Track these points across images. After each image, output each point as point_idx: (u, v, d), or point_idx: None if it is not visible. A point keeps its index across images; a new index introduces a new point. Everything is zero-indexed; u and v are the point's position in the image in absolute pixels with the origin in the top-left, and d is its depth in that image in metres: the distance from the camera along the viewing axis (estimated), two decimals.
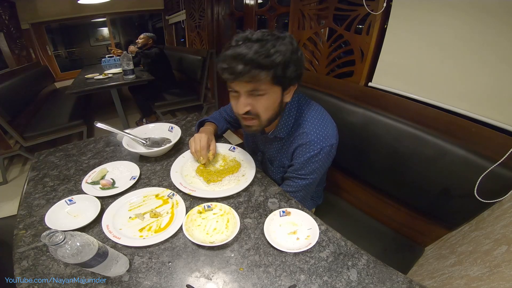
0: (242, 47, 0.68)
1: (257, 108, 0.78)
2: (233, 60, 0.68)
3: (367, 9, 1.20)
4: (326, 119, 0.91)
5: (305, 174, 0.92)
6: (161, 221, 0.79)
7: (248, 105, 0.77)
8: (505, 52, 0.88)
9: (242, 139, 2.88)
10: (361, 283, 0.63)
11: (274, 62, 0.68)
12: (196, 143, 1.00)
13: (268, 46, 0.68)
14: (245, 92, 0.75)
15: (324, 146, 0.86)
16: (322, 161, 0.89)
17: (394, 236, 1.23)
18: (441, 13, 1.00)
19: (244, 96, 0.76)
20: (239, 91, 0.76)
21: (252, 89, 0.73)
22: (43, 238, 0.47)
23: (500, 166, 0.86)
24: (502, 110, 0.94)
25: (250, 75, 0.68)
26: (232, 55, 0.68)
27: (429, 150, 1.02)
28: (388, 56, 1.23)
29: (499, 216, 0.81)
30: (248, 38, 0.70)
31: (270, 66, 0.68)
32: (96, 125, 1.06)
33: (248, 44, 0.68)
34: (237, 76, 0.69)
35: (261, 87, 0.73)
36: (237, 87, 0.75)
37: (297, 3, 1.60)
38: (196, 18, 3.19)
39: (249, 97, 0.76)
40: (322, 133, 0.87)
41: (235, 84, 0.74)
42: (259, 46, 0.67)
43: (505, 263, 0.63)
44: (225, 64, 0.70)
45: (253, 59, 0.66)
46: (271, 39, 0.69)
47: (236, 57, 0.68)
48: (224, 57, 0.71)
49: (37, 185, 0.95)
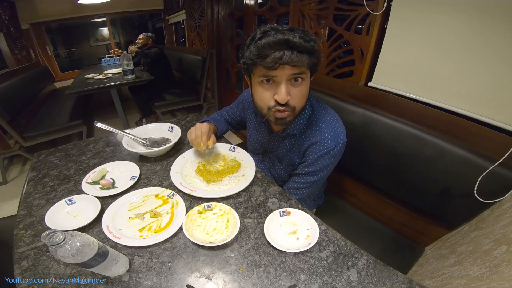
0: (283, 35, 0.68)
1: (296, 97, 0.77)
2: (280, 45, 0.68)
3: (367, 9, 1.20)
4: (337, 118, 0.92)
5: (315, 171, 0.92)
6: (161, 221, 0.79)
7: (288, 94, 0.75)
8: (505, 52, 0.89)
9: (242, 139, 2.89)
10: (361, 283, 0.63)
11: (313, 47, 0.71)
12: (197, 130, 1.00)
13: (302, 34, 0.69)
14: (287, 78, 0.73)
15: (337, 143, 0.87)
16: (333, 158, 0.90)
17: (394, 236, 1.23)
18: (441, 14, 1.00)
19: (284, 84, 0.74)
20: (280, 78, 0.74)
21: (298, 72, 0.73)
22: (43, 238, 0.47)
23: (500, 166, 0.86)
24: (502, 110, 0.94)
25: (297, 59, 0.69)
26: (278, 40, 0.68)
27: (429, 150, 1.02)
28: (388, 56, 1.23)
29: (499, 216, 0.81)
30: (278, 29, 0.71)
31: (312, 51, 0.70)
32: (96, 125, 1.06)
33: (286, 32, 0.69)
34: (286, 60, 0.68)
35: (303, 71, 0.74)
36: (280, 72, 0.72)
37: (297, 3, 1.60)
38: (196, 18, 3.19)
39: (288, 84, 0.75)
40: (336, 131, 0.88)
41: (279, 70, 0.72)
42: (298, 33, 0.69)
43: (505, 263, 0.63)
44: (269, 50, 0.69)
45: (301, 43, 0.68)
46: (299, 30, 0.71)
47: (283, 42, 0.68)
48: (267, 43, 0.69)
49: (37, 185, 0.95)
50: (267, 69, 0.72)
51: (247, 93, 1.13)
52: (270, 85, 0.77)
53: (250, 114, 1.11)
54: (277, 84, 0.75)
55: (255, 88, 0.81)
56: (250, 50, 0.73)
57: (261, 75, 0.75)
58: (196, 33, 3.30)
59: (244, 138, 2.87)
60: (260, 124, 1.06)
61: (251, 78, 0.82)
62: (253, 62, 0.73)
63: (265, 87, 0.78)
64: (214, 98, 3.44)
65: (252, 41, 0.73)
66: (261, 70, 0.74)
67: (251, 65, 0.75)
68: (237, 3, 2.66)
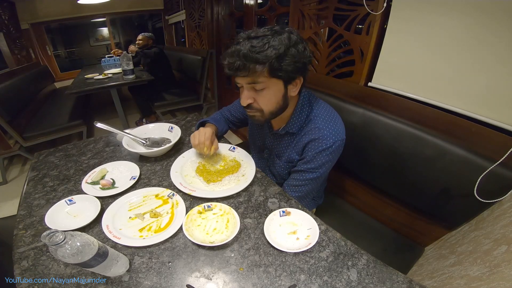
0: (240, 44, 0.74)
1: (259, 101, 0.83)
2: (231, 56, 0.75)
3: (367, 9, 1.20)
4: (336, 116, 0.94)
5: (314, 168, 0.92)
6: (161, 221, 0.79)
7: (250, 98, 0.83)
8: (503, 52, 0.89)
9: (242, 139, 2.89)
10: (361, 283, 0.63)
11: (267, 56, 0.72)
12: (201, 135, 1.01)
13: (264, 41, 0.73)
14: (246, 85, 0.81)
15: (336, 140, 0.88)
16: (332, 155, 0.90)
17: (394, 236, 1.23)
18: (440, 14, 1.00)
19: (246, 90, 0.82)
20: (241, 84, 0.82)
21: (251, 81, 0.78)
22: (43, 238, 0.47)
23: (499, 166, 0.86)
24: (501, 110, 0.94)
25: (246, 69, 0.74)
26: (231, 52, 0.76)
27: (429, 150, 1.02)
28: (388, 56, 1.23)
29: (499, 216, 0.81)
30: (248, 36, 0.76)
31: (264, 60, 0.73)
32: (96, 125, 1.06)
33: (246, 41, 0.74)
34: (235, 70, 0.76)
35: (259, 80, 0.77)
36: (238, 80, 0.81)
37: (297, 3, 1.60)
38: (196, 18, 3.19)
39: (251, 90, 0.82)
40: (334, 128, 0.89)
41: (237, 78, 0.80)
42: (256, 42, 0.73)
43: (505, 263, 0.63)
44: (225, 60, 0.77)
45: (246, 54, 0.72)
46: (269, 35, 0.74)
47: (233, 54, 0.75)
48: (225, 54, 0.78)
49: (37, 185, 0.95)
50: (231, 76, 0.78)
51: None
52: (241, 89, 0.84)
53: None
54: (243, 88, 0.83)
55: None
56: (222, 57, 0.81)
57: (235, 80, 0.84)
58: (196, 33, 3.30)
59: (244, 138, 2.87)
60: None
61: None
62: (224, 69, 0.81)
63: (240, 91, 0.85)
64: (214, 98, 3.44)
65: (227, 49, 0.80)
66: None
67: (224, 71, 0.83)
68: (237, 3, 2.66)
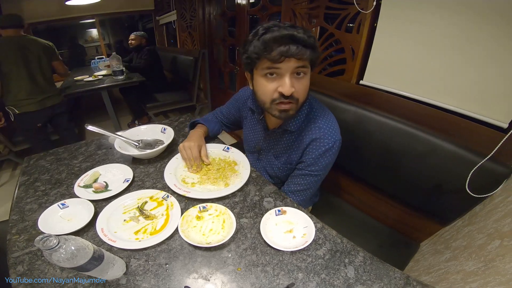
0: (287, 30, 0.71)
1: (299, 90, 0.79)
2: (285, 39, 0.71)
3: (357, 8, 1.22)
4: (333, 117, 0.93)
5: (317, 170, 0.92)
6: (157, 223, 0.78)
7: (292, 87, 0.77)
8: (491, 49, 0.91)
9: (236, 139, 2.89)
10: (358, 280, 0.64)
11: (315, 43, 0.74)
12: (188, 153, 0.99)
13: (304, 30, 0.73)
14: (291, 71, 0.76)
15: (336, 140, 0.88)
16: (334, 156, 0.91)
17: (389, 233, 1.25)
18: (429, 12, 1.02)
19: (289, 77, 0.76)
20: (284, 71, 0.75)
21: (301, 65, 0.75)
22: (36, 242, 0.46)
23: (490, 161, 0.88)
24: (490, 106, 0.96)
25: (301, 53, 0.72)
26: (284, 35, 0.71)
27: (420, 146, 1.04)
28: (378, 54, 1.25)
29: (491, 210, 0.83)
30: (280, 25, 0.74)
31: (313, 45, 0.74)
32: (87, 128, 1.04)
33: (289, 28, 0.72)
34: (292, 53, 0.71)
35: (306, 65, 0.77)
36: (285, 65, 0.74)
37: (288, 3, 1.61)
38: (187, 18, 3.17)
39: (292, 78, 0.77)
40: (333, 127, 0.89)
41: (284, 63, 0.74)
42: (301, 29, 0.73)
43: (500, 258, 0.65)
44: (275, 44, 0.71)
45: (304, 38, 0.71)
46: (300, 27, 0.74)
47: (288, 37, 0.71)
48: (272, 37, 0.72)
49: (28, 189, 0.93)
50: (272, 62, 0.74)
51: (243, 91, 1.13)
52: (274, 78, 0.78)
53: (246, 112, 1.11)
54: (281, 76, 0.77)
55: (258, 81, 0.82)
56: (254, 45, 0.75)
57: (265, 68, 0.77)
58: (188, 34, 3.28)
59: (238, 138, 2.87)
60: (256, 122, 1.06)
61: (253, 73, 0.83)
62: (258, 56, 0.75)
63: (269, 80, 0.79)
64: (207, 98, 3.43)
65: (255, 36, 0.76)
66: (266, 63, 0.76)
67: (255, 59, 0.77)
68: (229, 3, 2.65)
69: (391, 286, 0.63)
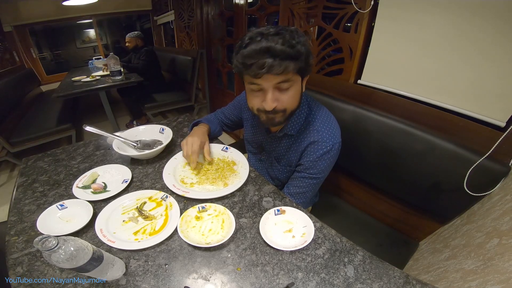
0: (266, 41, 0.67)
1: (284, 100, 0.77)
2: (261, 54, 0.67)
3: (355, 7, 1.22)
4: (333, 118, 0.92)
5: (316, 173, 0.92)
6: (156, 223, 0.78)
7: (275, 101, 0.75)
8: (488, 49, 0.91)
9: (235, 139, 2.88)
10: (358, 279, 0.64)
11: (299, 52, 0.69)
12: (188, 147, 0.98)
13: (288, 38, 0.68)
14: (273, 86, 0.73)
15: (335, 143, 0.87)
16: (332, 158, 0.90)
17: (389, 232, 1.25)
18: (426, 12, 1.02)
19: (271, 91, 0.74)
20: (266, 86, 0.73)
21: (282, 80, 0.72)
22: (35, 243, 0.46)
23: (487, 159, 0.88)
24: (487, 105, 0.97)
25: (281, 67, 0.68)
26: (260, 49, 0.67)
27: (418, 145, 1.04)
28: (376, 53, 1.25)
29: (489, 209, 0.83)
30: (264, 33, 0.69)
31: (297, 56, 0.69)
32: (85, 128, 1.03)
33: (270, 38, 0.67)
34: (268, 69, 0.67)
35: (289, 78, 0.73)
36: (264, 81, 0.72)
37: (286, 2, 1.61)
38: (185, 18, 3.16)
39: (275, 91, 0.75)
40: (332, 130, 0.88)
41: (263, 79, 0.71)
42: (282, 38, 0.67)
43: (498, 256, 0.65)
44: (251, 59, 0.68)
45: (283, 50, 0.66)
46: (287, 32, 0.69)
47: (264, 51, 0.67)
48: (248, 52, 0.69)
49: (27, 190, 0.93)
50: (252, 77, 0.72)
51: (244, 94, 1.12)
52: (258, 92, 0.77)
53: (247, 114, 1.11)
54: (264, 91, 0.75)
55: (247, 92, 0.82)
56: (236, 58, 0.73)
57: (249, 82, 0.76)
58: (186, 34, 3.28)
59: (237, 138, 2.87)
60: (258, 124, 1.06)
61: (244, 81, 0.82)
62: (239, 70, 0.74)
63: (254, 93, 0.78)
64: (206, 99, 3.42)
65: (240, 48, 0.72)
66: (248, 78, 0.74)
67: (239, 73, 0.76)
68: (227, 3, 2.65)
69: (391, 285, 0.63)
